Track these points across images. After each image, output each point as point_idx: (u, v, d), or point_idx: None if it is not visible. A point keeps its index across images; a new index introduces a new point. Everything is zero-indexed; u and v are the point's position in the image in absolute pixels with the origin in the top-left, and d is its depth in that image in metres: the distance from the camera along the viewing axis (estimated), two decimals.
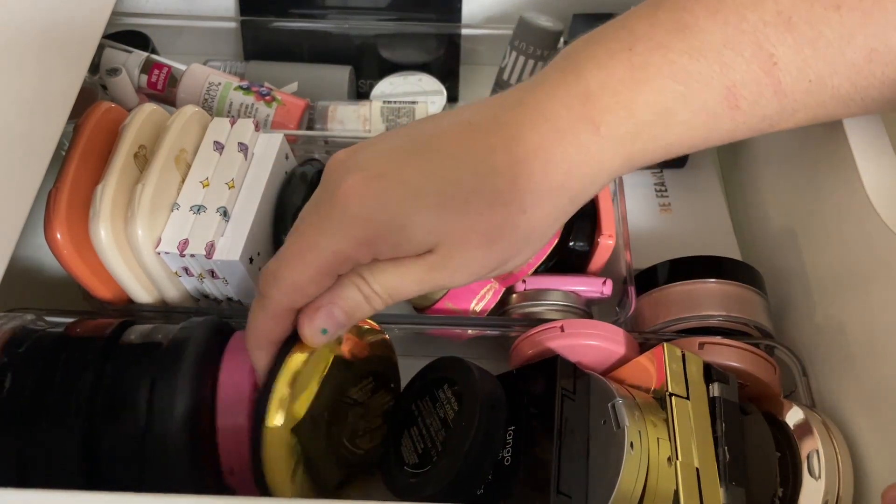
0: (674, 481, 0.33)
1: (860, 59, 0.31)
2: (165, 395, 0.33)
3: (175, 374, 0.34)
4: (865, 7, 0.30)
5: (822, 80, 0.31)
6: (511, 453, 0.35)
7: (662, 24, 0.31)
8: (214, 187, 0.42)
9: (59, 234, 0.38)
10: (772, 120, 0.33)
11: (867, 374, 0.37)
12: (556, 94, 0.31)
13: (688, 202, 0.56)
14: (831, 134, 0.40)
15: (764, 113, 0.32)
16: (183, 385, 0.34)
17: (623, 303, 0.44)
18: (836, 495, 0.35)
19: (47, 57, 0.42)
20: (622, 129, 0.31)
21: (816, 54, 0.31)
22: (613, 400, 0.35)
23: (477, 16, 0.65)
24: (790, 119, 0.33)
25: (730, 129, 0.32)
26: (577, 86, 0.31)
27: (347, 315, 0.32)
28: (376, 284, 0.32)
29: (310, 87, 0.60)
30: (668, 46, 0.30)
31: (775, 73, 0.31)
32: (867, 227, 0.37)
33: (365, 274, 0.32)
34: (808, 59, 0.31)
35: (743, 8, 0.30)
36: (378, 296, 0.32)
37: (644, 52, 0.31)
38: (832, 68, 0.31)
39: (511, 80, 0.59)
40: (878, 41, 0.30)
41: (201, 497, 0.27)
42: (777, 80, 0.31)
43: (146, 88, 0.56)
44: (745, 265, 0.46)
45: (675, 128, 0.32)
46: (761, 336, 0.43)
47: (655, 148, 0.32)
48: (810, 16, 0.30)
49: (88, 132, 0.40)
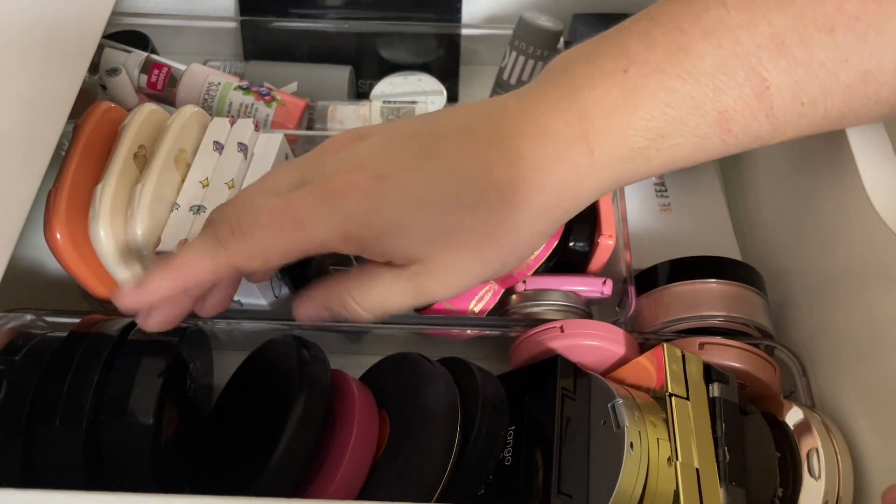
0: (674, 482, 0.33)
1: (854, 80, 0.31)
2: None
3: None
4: (860, 29, 0.30)
5: (814, 103, 0.31)
6: (511, 453, 0.35)
7: (658, 44, 0.31)
8: (214, 187, 0.42)
9: (59, 234, 0.38)
10: (763, 139, 0.33)
11: (867, 374, 0.37)
12: (555, 113, 0.31)
13: (688, 202, 0.56)
14: (832, 134, 0.40)
15: (755, 134, 0.32)
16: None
17: (623, 303, 0.44)
18: (836, 495, 0.35)
19: (47, 57, 0.42)
20: (615, 155, 0.31)
21: (809, 77, 0.30)
22: (613, 400, 0.35)
23: (477, 16, 0.65)
24: (781, 137, 0.33)
25: (720, 150, 0.33)
26: (575, 105, 0.31)
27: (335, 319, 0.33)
28: (366, 303, 0.32)
29: (310, 87, 0.60)
30: (663, 70, 0.30)
31: (767, 98, 0.31)
32: (867, 228, 0.37)
33: (354, 294, 0.32)
34: (800, 82, 0.31)
35: (737, 29, 0.30)
36: (367, 312, 0.32)
37: (639, 75, 0.31)
38: (825, 90, 0.31)
39: (511, 79, 0.59)
40: (873, 63, 0.30)
41: (201, 497, 0.27)
42: (769, 105, 0.31)
43: (146, 88, 0.56)
44: (745, 265, 0.46)
45: (666, 150, 0.32)
46: (761, 336, 0.43)
47: (646, 169, 0.33)
48: (804, 38, 0.30)
49: (88, 132, 0.40)
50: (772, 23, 0.30)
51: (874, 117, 0.33)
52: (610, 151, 0.31)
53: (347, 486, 0.34)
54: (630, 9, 0.34)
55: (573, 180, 0.31)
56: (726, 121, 0.31)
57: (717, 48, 0.30)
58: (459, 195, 0.30)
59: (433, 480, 0.33)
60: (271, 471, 0.32)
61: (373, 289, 0.32)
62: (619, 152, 0.31)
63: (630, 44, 0.31)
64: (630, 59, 0.31)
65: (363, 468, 0.34)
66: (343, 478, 0.34)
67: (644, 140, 0.31)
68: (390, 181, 0.30)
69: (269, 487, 0.32)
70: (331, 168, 0.31)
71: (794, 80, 0.30)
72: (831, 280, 0.41)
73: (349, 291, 0.32)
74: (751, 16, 0.30)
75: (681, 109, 0.31)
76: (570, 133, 0.31)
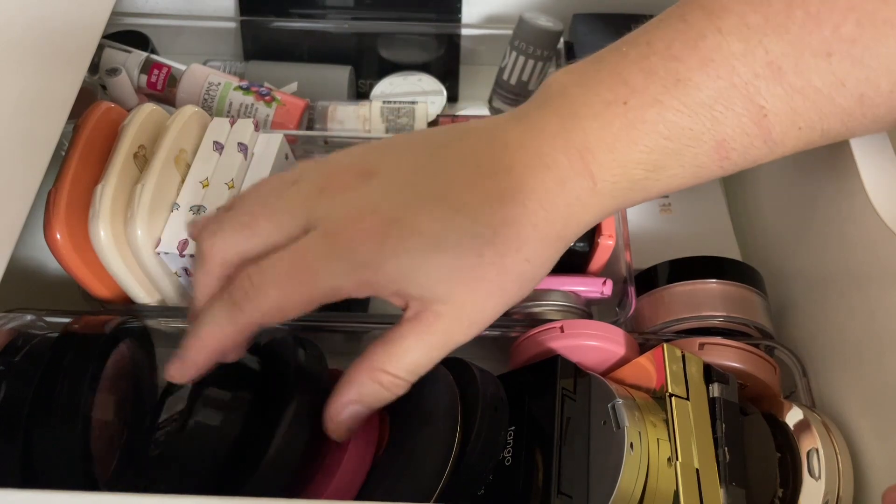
0: (674, 482, 0.33)
1: (850, 103, 0.31)
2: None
3: None
4: (856, 54, 0.30)
5: (811, 126, 0.31)
6: (512, 454, 0.35)
7: (656, 74, 0.31)
8: (214, 187, 0.42)
9: (59, 234, 0.38)
10: (761, 161, 0.33)
11: (867, 374, 0.37)
12: (556, 143, 0.32)
13: (688, 202, 0.55)
14: None
15: (754, 158, 0.33)
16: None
17: (623, 303, 0.44)
18: (837, 496, 0.35)
19: (47, 57, 0.42)
20: (617, 186, 0.32)
21: (807, 103, 0.31)
22: (613, 401, 0.35)
23: (477, 16, 0.65)
24: (778, 156, 0.33)
25: (718, 174, 0.33)
26: (575, 136, 0.31)
27: (371, 409, 0.33)
28: (400, 370, 0.32)
29: (310, 87, 0.60)
30: (661, 102, 0.31)
31: (765, 125, 0.31)
32: (867, 228, 0.37)
33: (387, 367, 0.31)
34: (798, 108, 0.31)
35: (734, 59, 0.30)
36: (403, 380, 0.32)
37: (638, 107, 0.31)
38: (822, 114, 0.31)
39: (511, 80, 0.59)
40: (869, 86, 0.30)
41: (202, 497, 0.27)
42: (767, 131, 0.31)
43: (146, 88, 0.56)
44: (745, 265, 0.46)
45: (665, 180, 0.32)
46: (761, 336, 0.43)
47: (645, 196, 0.33)
48: (800, 65, 0.30)
49: (88, 132, 0.40)
50: (769, 50, 0.30)
51: (872, 132, 0.33)
52: (612, 182, 0.32)
53: (346, 486, 0.34)
54: (630, 9, 0.34)
55: (577, 210, 0.32)
56: (725, 149, 0.31)
57: (715, 79, 0.30)
58: (474, 234, 0.31)
59: (433, 480, 0.33)
60: (264, 470, 0.32)
61: (405, 354, 0.31)
62: (620, 184, 0.32)
63: (629, 72, 0.31)
64: (630, 89, 0.31)
65: (362, 468, 0.34)
66: (342, 478, 0.34)
67: (643, 172, 0.32)
68: (403, 225, 0.30)
69: (262, 486, 0.32)
70: (340, 213, 0.31)
71: (792, 107, 0.31)
72: (832, 280, 0.41)
73: (380, 368, 0.31)
74: (747, 43, 0.30)
75: (679, 141, 0.31)
76: (571, 167, 0.31)
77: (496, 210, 0.31)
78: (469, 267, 0.31)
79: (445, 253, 0.30)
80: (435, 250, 0.30)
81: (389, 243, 0.30)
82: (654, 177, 0.32)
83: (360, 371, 0.32)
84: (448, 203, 0.31)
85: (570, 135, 0.31)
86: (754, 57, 0.30)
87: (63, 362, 0.35)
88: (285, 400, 0.34)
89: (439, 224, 0.31)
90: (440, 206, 0.31)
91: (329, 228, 0.31)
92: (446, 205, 0.31)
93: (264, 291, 0.31)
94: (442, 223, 0.31)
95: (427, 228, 0.30)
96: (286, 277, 0.31)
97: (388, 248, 0.30)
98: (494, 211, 0.31)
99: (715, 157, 0.32)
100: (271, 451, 0.32)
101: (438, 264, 0.30)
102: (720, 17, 0.30)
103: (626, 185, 0.32)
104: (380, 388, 0.32)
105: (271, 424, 0.33)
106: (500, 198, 0.31)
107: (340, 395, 0.32)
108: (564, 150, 0.31)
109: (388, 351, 0.31)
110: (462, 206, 0.31)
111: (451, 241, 0.30)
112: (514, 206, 0.31)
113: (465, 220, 0.31)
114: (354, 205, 0.31)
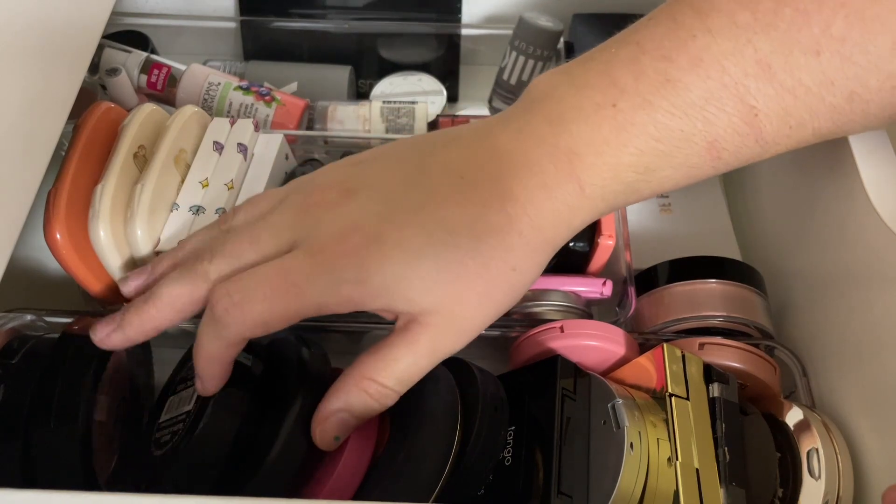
0: (674, 482, 0.33)
1: (840, 101, 0.31)
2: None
3: None
4: (846, 52, 0.29)
5: (802, 125, 0.31)
6: (512, 454, 0.35)
7: (645, 74, 0.31)
8: (214, 188, 0.42)
9: (59, 234, 0.38)
10: (753, 159, 0.33)
11: (867, 374, 0.37)
12: (543, 147, 0.31)
13: (688, 202, 0.55)
14: None
15: (746, 157, 0.32)
16: None
17: (623, 303, 0.44)
18: (837, 496, 0.35)
19: (47, 57, 0.42)
20: (606, 189, 0.32)
21: (797, 102, 0.30)
22: (613, 400, 0.35)
23: (477, 16, 0.65)
24: (771, 155, 0.33)
25: (711, 173, 0.33)
26: (562, 140, 0.31)
27: (360, 419, 0.32)
28: (389, 380, 0.31)
29: (310, 87, 0.60)
30: (651, 104, 0.30)
31: (757, 124, 0.31)
32: (867, 227, 0.37)
33: (375, 376, 0.31)
34: (788, 107, 0.31)
35: (723, 58, 0.30)
36: (391, 390, 0.32)
37: (628, 109, 0.31)
38: (813, 112, 0.31)
39: (511, 80, 0.59)
40: (858, 84, 0.30)
41: (202, 497, 0.27)
42: (759, 130, 0.31)
43: (146, 88, 0.56)
44: (745, 265, 0.46)
45: (657, 181, 0.32)
46: (761, 336, 0.43)
47: (637, 198, 0.33)
48: (789, 63, 0.30)
49: (88, 132, 0.40)
50: (758, 48, 0.30)
51: (864, 130, 0.33)
52: (601, 186, 0.31)
53: (345, 485, 0.34)
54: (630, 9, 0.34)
55: (565, 215, 0.32)
56: (716, 149, 0.31)
57: (705, 80, 0.30)
58: (458, 246, 0.30)
59: (433, 480, 0.33)
60: (268, 468, 0.32)
61: (394, 364, 0.31)
62: (610, 187, 0.32)
63: (618, 72, 0.31)
64: (619, 90, 0.31)
65: (361, 468, 0.34)
66: (341, 477, 0.34)
67: (634, 174, 0.31)
68: (385, 241, 0.30)
69: (264, 486, 0.32)
70: (325, 230, 0.31)
71: (782, 106, 0.31)
72: (831, 280, 0.41)
73: (369, 377, 0.31)
74: (736, 42, 0.30)
75: (670, 143, 0.31)
76: (557, 172, 0.31)
77: (479, 219, 0.31)
78: (452, 278, 0.30)
79: (428, 265, 0.30)
80: (418, 263, 0.30)
81: (373, 259, 0.30)
82: (646, 178, 0.32)
83: (348, 380, 0.32)
84: (430, 215, 0.31)
85: (558, 139, 0.31)
86: (743, 56, 0.30)
87: (63, 363, 0.35)
88: (289, 400, 0.34)
89: (421, 237, 0.31)
90: (423, 218, 0.31)
91: (313, 247, 0.31)
92: (428, 217, 0.31)
93: (248, 305, 0.31)
94: (424, 236, 0.31)
95: (409, 242, 0.30)
96: (270, 292, 0.31)
97: (371, 265, 0.30)
98: (477, 220, 0.31)
99: (707, 157, 0.32)
100: (274, 452, 0.32)
101: (422, 277, 0.30)
102: (709, 16, 0.30)
103: (616, 188, 0.32)
104: (367, 397, 0.32)
105: (274, 425, 0.33)
106: (483, 207, 0.31)
107: (328, 403, 0.32)
108: (551, 155, 0.31)
109: (377, 361, 0.31)
110: (446, 217, 0.31)
111: (432, 254, 0.30)
112: (498, 214, 0.31)
113: (449, 231, 0.31)
114: (338, 223, 0.31)
